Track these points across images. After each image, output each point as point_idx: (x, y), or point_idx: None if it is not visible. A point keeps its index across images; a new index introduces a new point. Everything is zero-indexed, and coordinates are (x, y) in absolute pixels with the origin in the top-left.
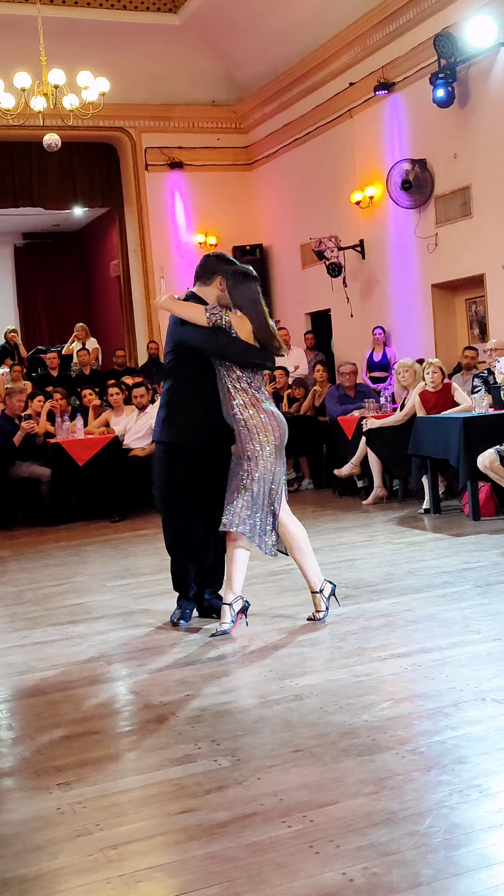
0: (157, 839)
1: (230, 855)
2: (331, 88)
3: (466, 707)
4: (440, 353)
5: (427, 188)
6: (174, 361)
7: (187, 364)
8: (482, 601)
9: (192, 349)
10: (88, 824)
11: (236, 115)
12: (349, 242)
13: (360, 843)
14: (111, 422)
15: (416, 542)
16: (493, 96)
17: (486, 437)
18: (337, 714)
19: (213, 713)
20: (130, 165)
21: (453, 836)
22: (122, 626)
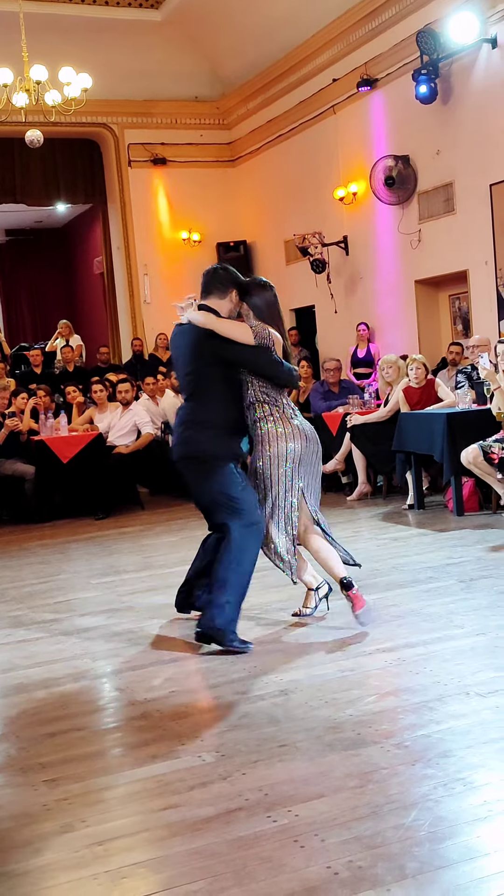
0: (142, 835)
1: (215, 850)
2: (314, 84)
3: (450, 701)
4: (424, 349)
5: (410, 184)
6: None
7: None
8: (466, 596)
9: (233, 365)
10: (74, 821)
11: (219, 111)
12: (333, 239)
13: (345, 837)
14: (95, 419)
15: (401, 538)
16: (476, 92)
17: (469, 432)
18: (322, 709)
19: (197, 709)
20: (113, 161)
21: (438, 829)
22: (106, 623)
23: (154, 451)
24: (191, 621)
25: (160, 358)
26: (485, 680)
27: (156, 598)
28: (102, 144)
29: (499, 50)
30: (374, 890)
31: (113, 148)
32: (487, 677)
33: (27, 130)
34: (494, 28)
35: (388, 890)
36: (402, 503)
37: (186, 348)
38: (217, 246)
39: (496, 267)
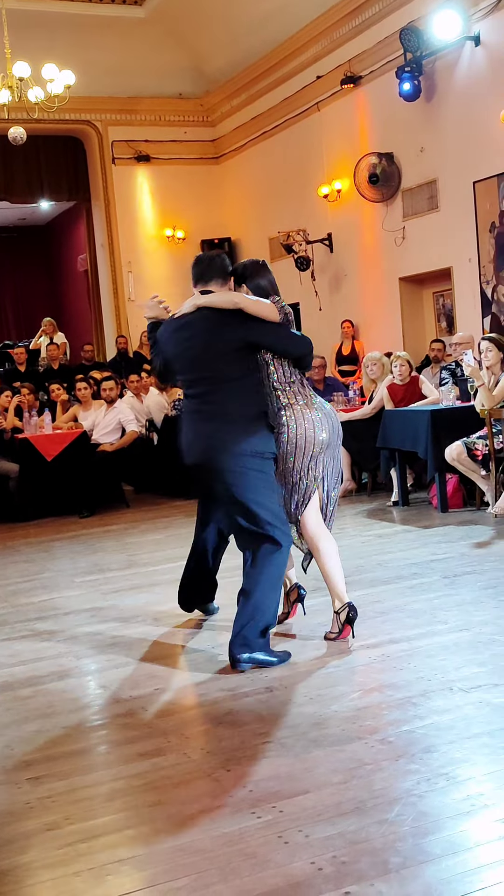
0: (126, 832)
1: (200, 847)
2: (298, 81)
3: (434, 697)
4: (408, 347)
5: (394, 182)
6: (236, 363)
7: (247, 363)
8: (450, 592)
9: (258, 349)
10: (58, 818)
11: (203, 109)
12: (317, 236)
13: (329, 833)
14: (79, 417)
15: (385, 535)
16: (459, 90)
17: (453, 429)
18: (307, 705)
19: (182, 706)
20: (97, 159)
21: (421, 824)
22: (90, 621)
23: (139, 449)
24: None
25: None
26: (468, 675)
27: (140, 596)
28: (86, 142)
29: (482, 48)
30: (357, 885)
31: (97, 145)
32: (471, 673)
33: (10, 127)
34: (477, 26)
35: (371, 885)
36: (386, 500)
37: (203, 338)
38: (201, 243)
39: (479, 264)
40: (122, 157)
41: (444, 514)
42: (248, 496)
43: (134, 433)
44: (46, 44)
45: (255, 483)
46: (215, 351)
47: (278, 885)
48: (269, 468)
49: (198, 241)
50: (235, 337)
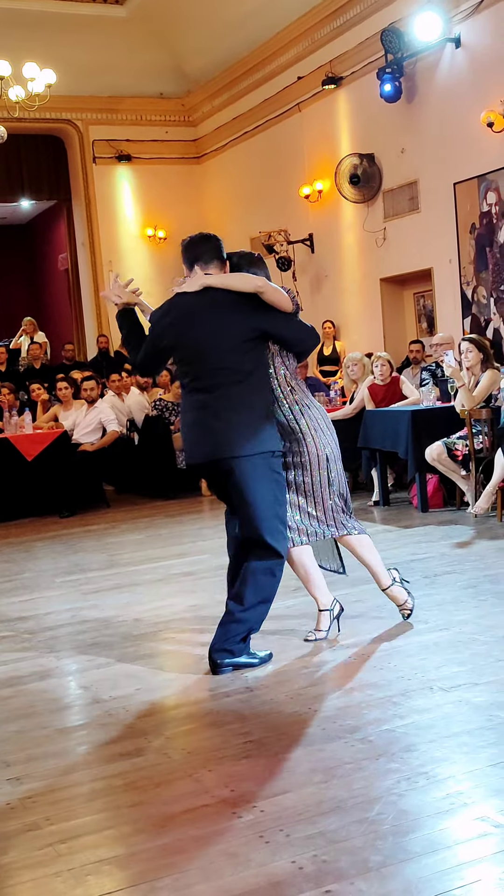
0: (107, 832)
1: (180, 847)
2: (279, 82)
3: (414, 696)
4: (389, 347)
5: (375, 183)
6: (254, 355)
7: (261, 355)
8: (430, 592)
9: (269, 339)
10: (39, 819)
11: (185, 108)
12: (298, 236)
13: (309, 832)
14: (60, 416)
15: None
16: (440, 91)
17: (433, 429)
18: (287, 705)
19: (163, 707)
20: (78, 158)
21: (401, 823)
22: (71, 621)
23: (119, 449)
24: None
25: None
26: (448, 675)
27: (121, 596)
28: (67, 141)
29: (462, 49)
30: (338, 883)
31: (77, 144)
32: (450, 672)
33: None
34: (458, 27)
35: (351, 883)
36: (367, 500)
37: (213, 325)
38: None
39: (460, 265)
40: (103, 157)
41: (424, 513)
42: (257, 500)
43: (115, 433)
44: (27, 42)
45: (269, 486)
46: (227, 340)
47: (259, 884)
48: (281, 469)
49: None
50: (249, 326)
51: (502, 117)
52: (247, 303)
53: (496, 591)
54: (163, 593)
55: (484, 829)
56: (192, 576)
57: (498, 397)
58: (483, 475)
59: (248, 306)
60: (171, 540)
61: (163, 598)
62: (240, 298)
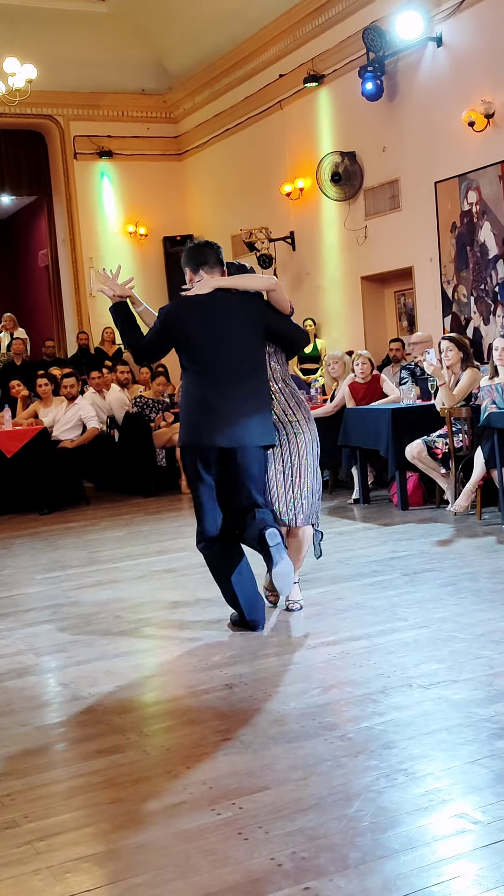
0: (85, 830)
1: (159, 844)
2: (261, 79)
3: (393, 693)
4: (369, 345)
5: (356, 181)
6: (259, 352)
7: (264, 355)
8: (409, 589)
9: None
10: (17, 816)
11: (166, 105)
12: (280, 234)
13: (288, 829)
14: (40, 413)
15: (346, 532)
16: (421, 90)
17: (414, 427)
18: (266, 702)
19: (141, 704)
20: (59, 154)
21: (380, 820)
22: (50, 618)
23: (99, 446)
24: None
25: (106, 352)
26: (427, 672)
27: (101, 593)
28: (48, 136)
29: (444, 48)
30: (317, 880)
31: (58, 140)
32: (430, 669)
33: None
34: (439, 26)
35: (330, 880)
36: (347, 498)
37: (231, 321)
38: (163, 240)
39: (441, 264)
40: (83, 153)
41: (404, 511)
42: (249, 485)
43: (95, 430)
44: (7, 37)
45: (260, 474)
46: (241, 337)
47: (237, 881)
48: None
49: (160, 238)
50: (259, 323)
51: (483, 117)
52: (253, 303)
53: (475, 589)
54: (143, 590)
55: (462, 826)
56: (173, 573)
57: (478, 396)
58: (463, 473)
59: (254, 306)
60: (151, 537)
61: (143, 595)
62: (247, 299)
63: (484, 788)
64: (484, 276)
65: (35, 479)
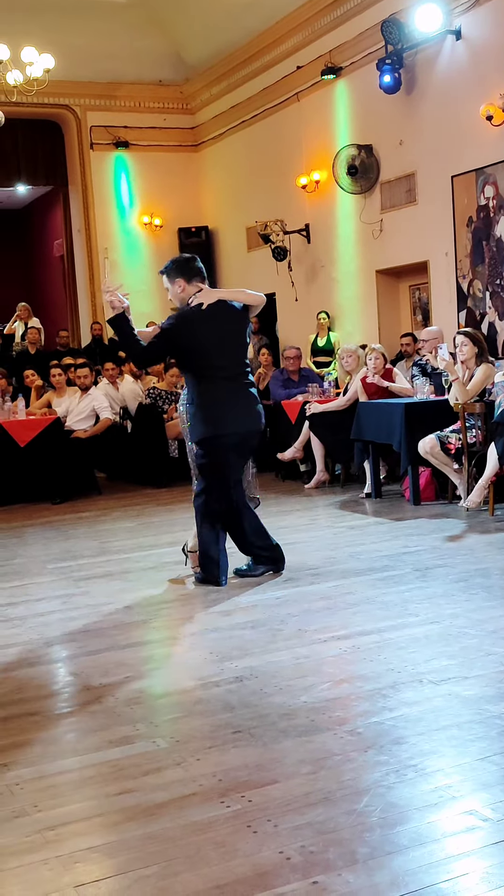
0: (94, 820)
1: (168, 835)
2: (278, 71)
3: (404, 688)
4: (383, 339)
5: (373, 174)
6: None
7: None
8: (421, 584)
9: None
10: (26, 805)
11: (183, 96)
12: (295, 226)
13: (297, 823)
14: (53, 403)
15: (357, 526)
16: (439, 83)
17: (427, 422)
18: (276, 695)
19: (152, 695)
20: (75, 144)
21: (389, 815)
22: (62, 608)
23: (112, 437)
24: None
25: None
26: (437, 668)
27: (112, 583)
28: (64, 126)
29: (462, 42)
30: (325, 875)
31: (75, 130)
32: (440, 665)
33: None
34: (458, 20)
35: (339, 875)
36: (359, 492)
37: (235, 328)
38: (178, 231)
39: (456, 258)
40: (100, 143)
41: (416, 506)
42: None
43: (108, 420)
44: (26, 26)
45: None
46: (240, 339)
47: (246, 874)
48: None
49: (175, 229)
50: (246, 330)
51: (501, 111)
52: (242, 312)
53: (487, 585)
54: (154, 581)
55: (472, 823)
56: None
57: (492, 391)
58: (476, 469)
59: (243, 315)
60: (162, 528)
61: (154, 586)
62: (237, 309)
63: (494, 785)
64: (500, 270)
65: (47, 469)
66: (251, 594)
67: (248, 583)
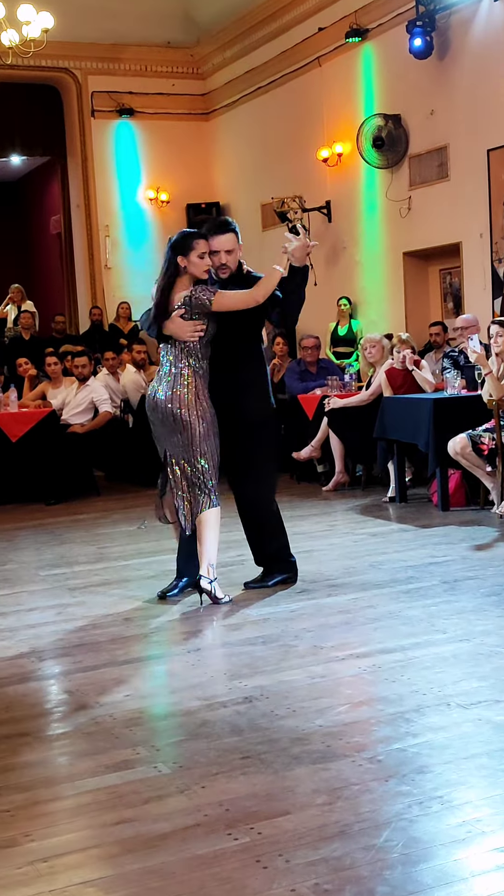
0: (91, 851)
1: (170, 869)
2: (298, 33)
3: (429, 712)
4: (410, 328)
5: (401, 147)
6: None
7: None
8: (449, 598)
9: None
10: (17, 834)
11: (193, 59)
12: (314, 203)
13: (311, 858)
14: (48, 394)
15: (380, 533)
16: (475, 48)
17: (457, 420)
18: (289, 718)
19: (153, 716)
20: (75, 111)
21: (412, 851)
22: (55, 619)
23: (112, 432)
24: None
25: (121, 329)
26: (467, 690)
27: (110, 592)
28: (63, 91)
29: (501, 3)
30: None
31: (75, 96)
32: (470, 687)
33: None
34: None
35: None
36: (382, 495)
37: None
38: (187, 207)
39: (492, 240)
40: (102, 110)
41: (444, 512)
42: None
43: (107, 414)
44: None
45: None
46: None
47: None
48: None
49: (183, 206)
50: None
51: None
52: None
53: None
54: (156, 591)
55: (502, 861)
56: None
57: None
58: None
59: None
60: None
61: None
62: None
63: None
64: None
65: (41, 467)
66: (262, 607)
67: (258, 594)
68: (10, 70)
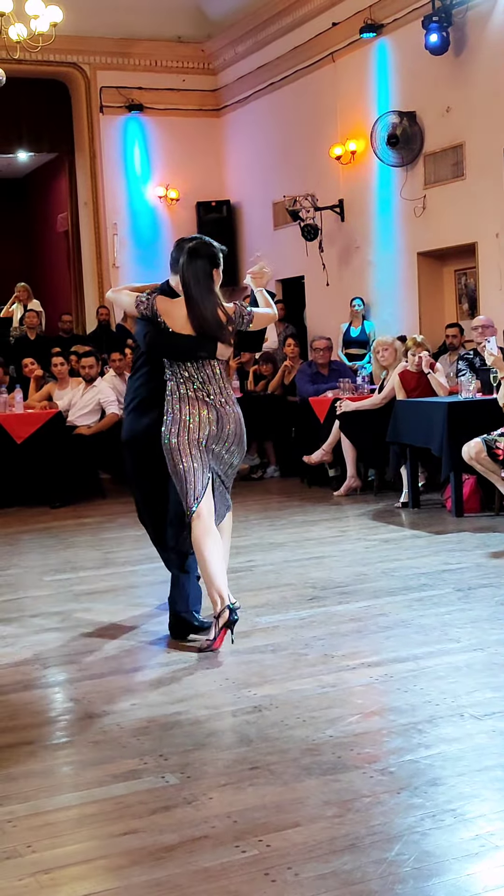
0: (96, 863)
1: (177, 882)
2: (311, 28)
3: (442, 723)
4: (424, 330)
5: (416, 144)
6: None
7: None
8: (463, 606)
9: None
10: (19, 845)
11: (204, 54)
12: (327, 202)
13: (321, 872)
14: (54, 395)
15: (392, 540)
16: (492, 44)
17: (472, 424)
18: (299, 728)
19: (160, 725)
20: (83, 106)
21: (424, 865)
22: (60, 625)
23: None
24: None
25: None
26: (481, 700)
27: (117, 598)
28: (72, 87)
29: None
30: None
31: (83, 91)
32: (484, 698)
33: None
34: None
35: None
36: (394, 501)
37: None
38: (197, 205)
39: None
40: (111, 106)
41: (458, 518)
42: None
43: (115, 416)
44: None
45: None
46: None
47: None
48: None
49: (193, 204)
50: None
51: None
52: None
53: None
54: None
55: None
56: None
57: None
58: None
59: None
60: None
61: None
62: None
63: None
64: None
65: (47, 469)
66: (272, 614)
67: (268, 602)
68: (17, 65)
